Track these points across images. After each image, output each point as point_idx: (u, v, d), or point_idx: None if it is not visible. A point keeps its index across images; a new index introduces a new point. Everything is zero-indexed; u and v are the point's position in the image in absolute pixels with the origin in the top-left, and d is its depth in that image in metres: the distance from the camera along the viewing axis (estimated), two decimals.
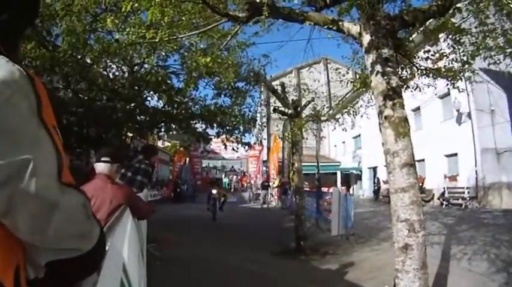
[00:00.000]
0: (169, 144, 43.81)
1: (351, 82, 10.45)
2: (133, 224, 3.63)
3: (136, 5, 6.52)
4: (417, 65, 8.48)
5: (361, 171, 40.35)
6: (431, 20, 6.86)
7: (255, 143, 23.32)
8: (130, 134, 15.70)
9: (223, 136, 15.08)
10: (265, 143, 40.46)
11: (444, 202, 23.33)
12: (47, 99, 1.08)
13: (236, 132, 14.92)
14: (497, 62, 8.56)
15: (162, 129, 15.53)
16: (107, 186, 3.89)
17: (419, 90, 9.47)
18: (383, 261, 9.22)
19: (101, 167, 4.12)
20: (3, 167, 0.93)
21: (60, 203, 1.02)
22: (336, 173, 43.21)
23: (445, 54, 8.91)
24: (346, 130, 14.79)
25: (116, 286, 1.90)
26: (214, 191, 20.20)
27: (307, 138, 14.82)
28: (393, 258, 5.05)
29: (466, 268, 8.22)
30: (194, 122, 14.46)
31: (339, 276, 8.81)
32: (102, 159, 4.15)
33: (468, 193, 22.11)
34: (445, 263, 8.61)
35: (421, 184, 21.41)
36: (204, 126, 14.86)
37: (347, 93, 15.44)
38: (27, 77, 1.03)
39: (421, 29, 7.69)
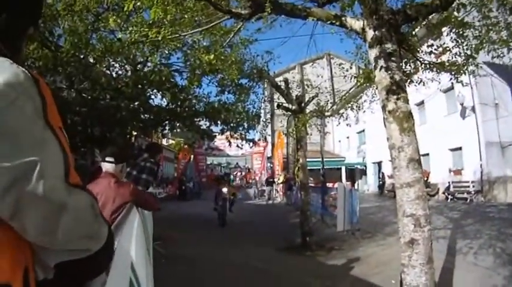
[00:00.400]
0: (173, 142, 43.84)
1: (355, 77, 10.43)
2: (140, 222, 3.65)
3: (138, 3, 6.53)
4: (421, 59, 8.47)
5: (365, 166, 40.32)
6: (434, 14, 6.84)
7: (259, 140, 23.26)
8: (135, 133, 15.71)
9: (228, 133, 15.08)
10: (269, 139, 40.55)
11: (449, 196, 23.32)
12: (52, 101, 1.09)
13: (240, 129, 14.90)
14: (501, 55, 8.52)
15: (167, 128, 15.53)
16: (110, 185, 3.98)
17: (423, 85, 9.47)
18: (389, 256, 9.22)
19: (106, 166, 4.21)
20: (10, 170, 0.93)
21: (68, 204, 1.03)
22: (340, 169, 43.12)
23: (448, 48, 8.89)
24: (350, 125, 14.83)
25: (125, 284, 1.91)
26: (225, 190, 16.98)
27: (311, 134, 14.83)
28: (399, 253, 5.04)
29: (472, 262, 8.22)
30: (198, 119, 14.47)
31: (344, 271, 8.82)
32: (107, 159, 4.23)
33: (473, 187, 22.11)
34: (451, 257, 8.61)
35: (426, 178, 21.45)
36: (208, 123, 14.87)
37: (351, 89, 15.44)
38: (31, 79, 1.03)
39: (424, 23, 7.68)
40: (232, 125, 14.40)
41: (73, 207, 1.04)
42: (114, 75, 12.79)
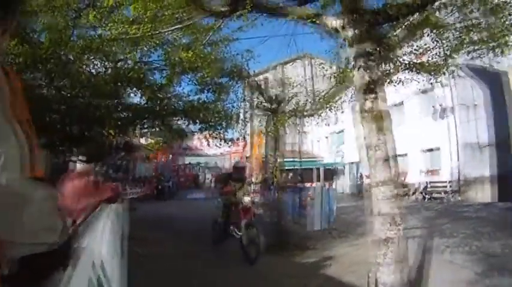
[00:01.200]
0: (152, 141, 43.65)
1: (334, 77, 10.46)
2: (112, 220, 3.63)
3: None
4: (400, 59, 8.51)
5: (343, 166, 40.49)
6: (415, 14, 6.88)
7: (238, 139, 23.17)
8: (113, 132, 15.57)
9: (206, 132, 15.00)
10: (248, 138, 40.51)
11: (426, 196, 23.55)
12: (20, 93, 1.07)
13: (219, 128, 14.83)
14: (481, 56, 8.60)
15: (145, 126, 15.43)
16: (74, 182, 4.15)
17: (402, 84, 9.51)
18: (364, 255, 9.21)
19: (78, 165, 4.34)
20: None
21: (29, 196, 1.01)
22: (318, 169, 43.29)
23: (428, 48, 8.94)
24: (328, 125, 14.88)
25: (92, 280, 1.88)
26: (247, 200, 10.18)
27: (287, 133, 14.83)
28: (373, 252, 5.06)
29: (447, 260, 8.32)
30: (177, 118, 14.38)
31: (319, 270, 8.83)
32: (79, 158, 4.36)
33: (450, 187, 22.38)
34: (426, 255, 8.67)
35: (402, 178, 21.64)
36: (186, 122, 14.76)
37: (330, 89, 15.51)
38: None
39: (406, 23, 7.71)
40: (211, 124, 14.34)
41: (34, 199, 1.02)
42: (94, 72, 12.65)
